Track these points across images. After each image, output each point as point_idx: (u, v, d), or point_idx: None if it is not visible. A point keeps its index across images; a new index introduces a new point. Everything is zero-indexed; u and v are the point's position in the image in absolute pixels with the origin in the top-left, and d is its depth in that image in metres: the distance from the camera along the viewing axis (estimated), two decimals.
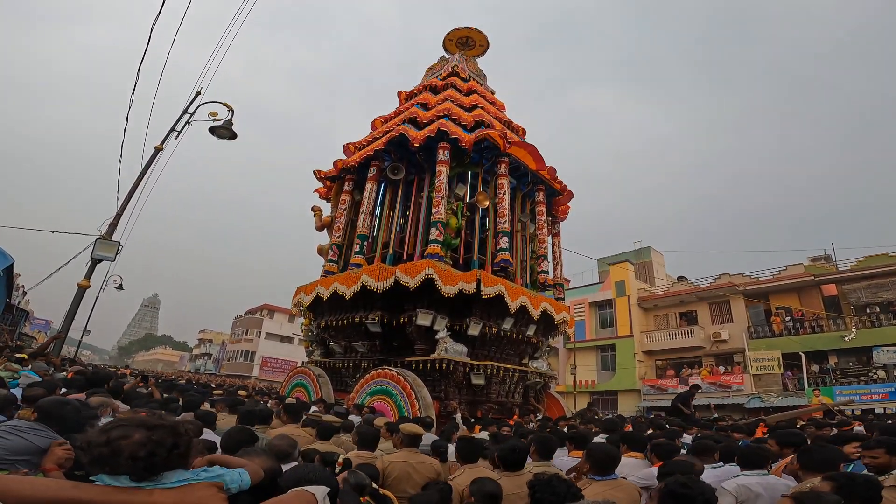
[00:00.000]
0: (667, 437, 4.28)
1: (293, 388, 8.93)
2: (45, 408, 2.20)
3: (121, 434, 1.01)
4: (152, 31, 8.30)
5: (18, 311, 27.09)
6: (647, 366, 23.53)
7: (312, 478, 1.57)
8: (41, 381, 3.84)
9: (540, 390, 9.34)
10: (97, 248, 8.25)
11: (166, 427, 1.07)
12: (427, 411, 6.20)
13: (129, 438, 1.00)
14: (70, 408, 2.23)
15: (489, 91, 11.87)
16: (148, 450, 1.00)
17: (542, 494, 1.90)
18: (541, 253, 9.92)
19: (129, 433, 1.01)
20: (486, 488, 2.32)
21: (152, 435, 1.03)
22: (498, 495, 2.34)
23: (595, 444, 3.13)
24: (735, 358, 20.98)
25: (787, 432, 3.83)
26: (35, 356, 6.95)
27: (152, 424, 1.06)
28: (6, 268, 18.13)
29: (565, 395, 20.24)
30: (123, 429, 1.02)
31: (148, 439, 1.01)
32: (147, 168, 9.71)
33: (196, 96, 10.43)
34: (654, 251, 28.41)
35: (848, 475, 1.99)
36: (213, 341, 57.84)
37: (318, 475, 1.61)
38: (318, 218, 11.42)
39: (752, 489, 2.51)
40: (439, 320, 7.56)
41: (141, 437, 1.01)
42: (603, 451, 2.73)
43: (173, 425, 1.11)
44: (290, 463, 2.43)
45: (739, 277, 22.22)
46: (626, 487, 2.60)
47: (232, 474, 1.20)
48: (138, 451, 1.00)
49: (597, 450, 2.77)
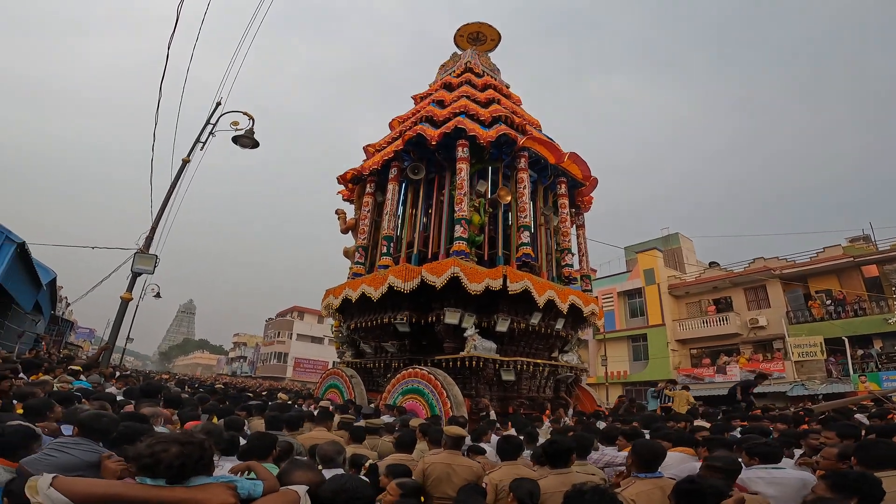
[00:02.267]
0: (716, 430, 4.23)
1: (327, 389, 9.12)
2: (85, 422, 2.30)
3: (161, 448, 1.29)
4: (170, 46, 8.53)
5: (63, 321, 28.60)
6: (681, 355, 22.96)
7: (349, 487, 1.64)
8: (99, 394, 4.09)
9: (571, 384, 9.26)
10: (136, 262, 8.61)
11: (195, 443, 1.35)
12: (459, 409, 6.25)
13: (168, 452, 1.28)
14: (107, 420, 2.35)
15: (504, 85, 11.77)
16: (181, 461, 1.29)
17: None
18: (565, 246, 9.80)
19: (167, 448, 1.29)
20: (525, 487, 2.33)
21: (184, 449, 1.30)
22: (536, 493, 2.34)
23: (640, 440, 3.09)
24: (775, 344, 20.23)
25: (845, 424, 3.68)
26: (88, 368, 7.34)
27: (185, 441, 1.34)
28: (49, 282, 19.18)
29: (597, 388, 20.01)
30: (164, 444, 1.30)
31: (181, 453, 1.29)
32: (177, 181, 10.02)
33: (217, 107, 10.69)
34: (682, 237, 27.62)
35: (841, 473, 1.99)
36: (247, 344, 59.50)
37: (356, 485, 1.68)
38: (343, 221, 11.60)
39: (747, 485, 2.46)
40: (467, 318, 7.58)
41: (176, 451, 1.29)
42: (646, 447, 2.68)
43: (200, 442, 1.38)
44: (335, 468, 2.50)
45: (775, 261, 21.39)
46: (670, 486, 2.56)
47: (245, 483, 1.45)
48: (174, 461, 1.28)
49: (641, 446, 2.72)
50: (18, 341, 17.05)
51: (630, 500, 2.11)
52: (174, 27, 7.71)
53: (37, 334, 21.75)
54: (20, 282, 14.86)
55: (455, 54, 12.55)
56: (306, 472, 1.73)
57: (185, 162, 10.11)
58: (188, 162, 10.14)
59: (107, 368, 8.21)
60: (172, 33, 8.42)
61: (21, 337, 17.90)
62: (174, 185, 9.94)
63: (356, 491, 1.63)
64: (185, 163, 10.09)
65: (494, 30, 12.40)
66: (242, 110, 10.06)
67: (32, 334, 20.76)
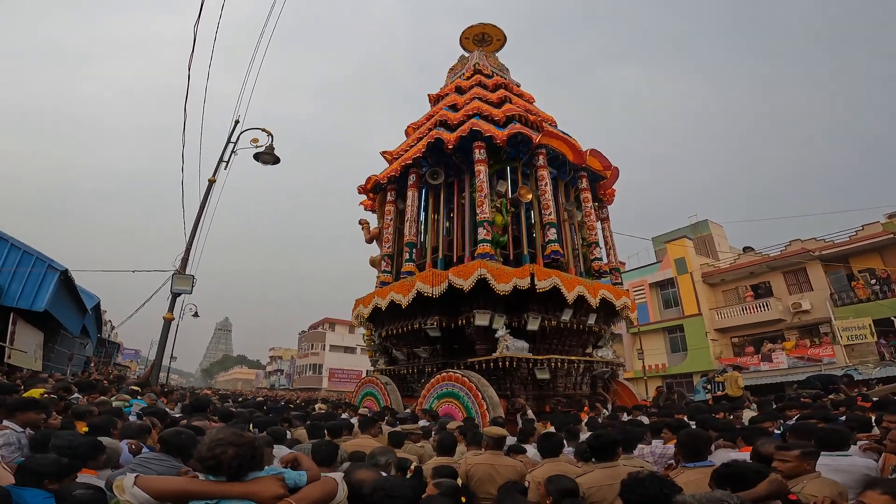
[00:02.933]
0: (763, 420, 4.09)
1: (363, 397, 9.25)
2: (165, 439, 2.48)
3: (221, 451, 1.49)
4: (190, 69, 8.81)
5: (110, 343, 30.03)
6: (721, 344, 22.18)
7: (387, 486, 1.73)
8: (156, 410, 4.38)
9: (608, 379, 9.10)
10: (175, 283, 8.94)
11: (247, 444, 1.55)
12: (495, 411, 6.23)
13: (226, 453, 1.48)
14: (186, 436, 2.50)
15: (514, 84, 11.74)
16: (238, 461, 1.49)
17: (631, 495, 1.80)
18: (591, 240, 9.66)
19: (225, 450, 1.49)
20: (562, 485, 2.31)
21: (239, 450, 1.50)
22: (575, 491, 2.33)
23: (685, 430, 3.05)
24: (821, 329, 19.32)
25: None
26: (142, 386, 7.73)
27: (240, 443, 1.52)
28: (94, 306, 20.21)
29: (635, 382, 19.53)
30: (223, 446, 1.50)
31: (237, 453, 1.49)
32: (205, 202, 10.33)
33: (235, 125, 10.97)
34: (712, 224, 26.76)
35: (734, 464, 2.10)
36: (282, 357, 60.88)
37: (393, 483, 1.78)
38: (367, 230, 11.76)
39: None
40: (497, 319, 7.56)
41: (233, 452, 1.49)
42: (691, 436, 2.64)
43: (251, 441, 1.58)
44: (386, 472, 2.57)
45: (812, 242, 20.44)
46: None
47: (291, 473, 1.64)
48: (231, 461, 1.48)
49: (685, 435, 2.69)
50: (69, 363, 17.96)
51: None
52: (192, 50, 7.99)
53: (86, 357, 22.91)
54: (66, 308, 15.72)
55: (462, 57, 12.60)
56: (368, 471, 1.93)
57: (212, 182, 10.41)
58: (214, 182, 10.46)
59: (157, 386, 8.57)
60: (191, 56, 8.71)
61: (71, 360, 18.87)
62: (203, 206, 10.26)
63: (393, 489, 1.71)
64: (211, 183, 10.40)
65: (499, 30, 12.39)
66: (261, 127, 10.30)
67: (82, 357, 21.88)
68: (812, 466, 2.41)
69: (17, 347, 12.37)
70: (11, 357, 11.90)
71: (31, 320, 13.61)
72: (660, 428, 3.93)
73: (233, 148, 10.78)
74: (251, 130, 10.53)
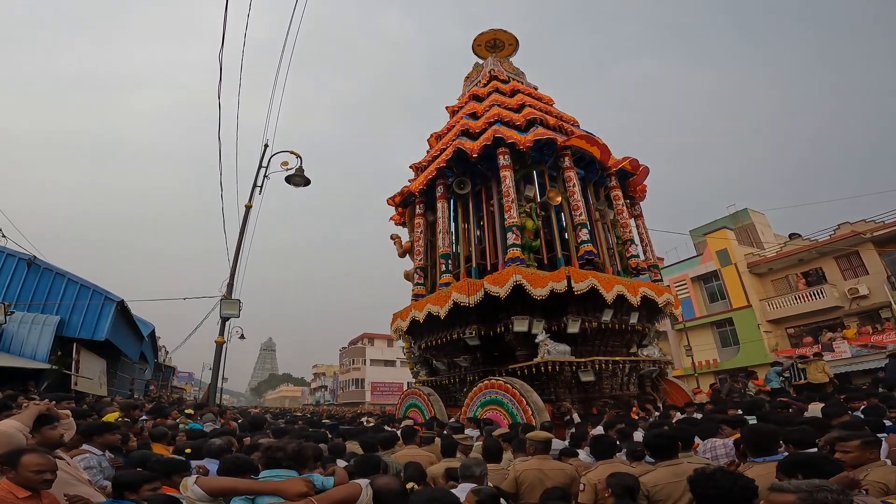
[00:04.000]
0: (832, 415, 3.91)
1: (407, 409, 9.34)
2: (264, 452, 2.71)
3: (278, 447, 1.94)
4: (220, 96, 9.25)
5: (166, 368, 31.61)
6: (776, 336, 21.07)
7: (437, 497, 1.84)
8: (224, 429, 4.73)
9: (657, 378, 8.84)
10: (223, 308, 9.38)
11: (297, 447, 1.96)
12: (540, 416, 6.18)
13: (284, 450, 1.91)
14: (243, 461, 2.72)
15: (532, 87, 11.72)
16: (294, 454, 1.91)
17: (703, 490, 1.74)
18: (626, 237, 9.48)
19: (286, 446, 1.94)
20: (624, 482, 2.32)
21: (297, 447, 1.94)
22: (635, 489, 2.33)
23: (751, 424, 2.98)
24: (882, 314, 18.08)
25: None
26: (201, 407, 8.19)
27: (296, 445, 1.96)
28: (149, 333, 21.38)
29: (685, 379, 18.77)
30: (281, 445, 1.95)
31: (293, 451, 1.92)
32: (244, 226, 10.79)
33: (265, 149, 11.41)
34: (752, 212, 25.63)
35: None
36: (325, 374, 62.11)
37: (443, 496, 1.87)
38: (399, 245, 11.94)
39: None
40: (536, 324, 7.52)
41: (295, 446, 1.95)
42: (757, 431, 2.57)
43: (298, 448, 1.98)
44: (474, 481, 2.67)
45: (862, 224, 19.20)
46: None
47: (318, 477, 1.88)
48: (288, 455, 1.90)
49: (751, 430, 2.62)
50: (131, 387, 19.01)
51: None
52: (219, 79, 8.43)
53: (146, 380, 24.21)
54: (124, 335, 16.72)
55: (477, 64, 12.70)
56: (389, 478, 2.08)
57: (248, 208, 10.87)
58: (250, 207, 10.91)
59: (214, 406, 8.98)
60: (220, 84, 9.12)
61: (133, 384, 19.99)
62: (242, 232, 10.72)
63: (442, 500, 1.82)
64: (248, 209, 10.85)
65: (511, 35, 12.43)
66: (290, 150, 10.69)
67: (142, 381, 23.15)
68: (876, 455, 2.36)
69: (83, 375, 13.24)
70: (78, 384, 12.74)
71: (93, 349, 14.56)
72: (716, 425, 3.81)
73: (265, 172, 11.24)
74: (281, 154, 10.99)
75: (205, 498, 1.65)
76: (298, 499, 1.67)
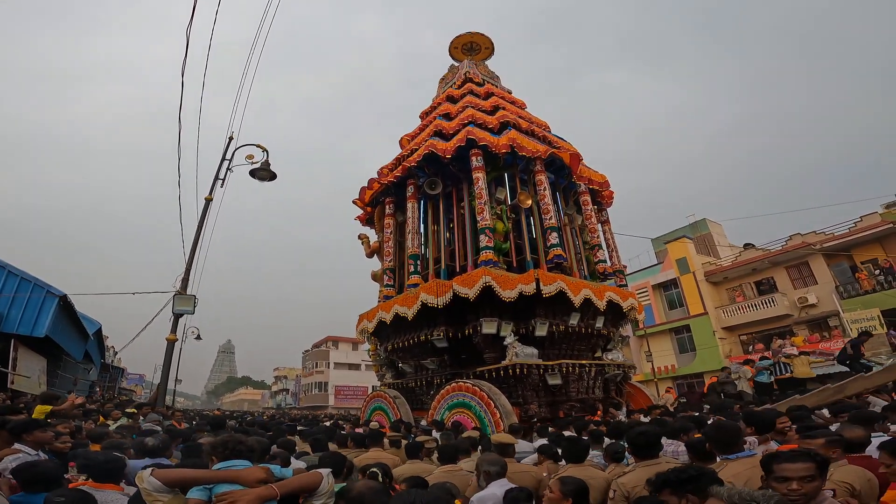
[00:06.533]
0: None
1: (372, 412, 9.10)
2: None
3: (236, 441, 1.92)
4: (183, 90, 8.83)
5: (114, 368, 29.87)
6: (730, 342, 21.98)
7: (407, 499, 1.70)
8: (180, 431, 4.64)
9: (620, 382, 8.97)
10: (176, 304, 8.84)
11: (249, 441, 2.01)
12: (508, 419, 6.12)
13: (245, 443, 1.91)
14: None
15: (506, 91, 11.79)
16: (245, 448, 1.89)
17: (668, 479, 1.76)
18: (594, 242, 9.61)
19: (243, 440, 1.93)
20: (575, 483, 2.31)
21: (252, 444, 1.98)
22: (586, 490, 2.32)
23: (712, 423, 2.97)
24: (830, 322, 19.16)
25: None
26: (141, 407, 7.70)
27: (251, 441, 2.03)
28: (95, 332, 20.12)
29: (645, 384, 19.30)
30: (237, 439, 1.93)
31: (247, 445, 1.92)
32: (203, 220, 10.23)
33: (230, 141, 10.89)
34: (710, 222, 26.72)
35: None
36: (287, 377, 60.49)
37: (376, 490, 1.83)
38: (367, 245, 11.68)
39: None
40: (504, 326, 7.47)
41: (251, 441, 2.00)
42: (719, 428, 2.56)
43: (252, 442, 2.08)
44: (501, 479, 2.70)
45: (813, 236, 20.36)
46: None
47: (277, 468, 1.89)
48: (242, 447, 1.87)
49: (713, 428, 2.61)
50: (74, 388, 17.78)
51: (727, 481, 1.98)
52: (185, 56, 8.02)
53: (90, 381, 22.76)
54: (67, 333, 15.64)
55: (453, 66, 12.68)
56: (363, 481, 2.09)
57: (208, 201, 10.33)
58: (211, 200, 10.37)
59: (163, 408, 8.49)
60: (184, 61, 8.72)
61: (76, 384, 18.72)
62: (201, 225, 10.17)
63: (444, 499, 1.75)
64: (207, 202, 10.31)
65: (487, 38, 12.50)
66: (255, 143, 10.21)
67: (87, 382, 21.72)
68: (838, 454, 2.38)
69: (19, 373, 12.30)
70: (15, 382, 11.85)
71: (32, 346, 13.55)
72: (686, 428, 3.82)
73: (228, 165, 10.70)
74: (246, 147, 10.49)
75: (161, 489, 1.61)
76: (258, 485, 1.67)
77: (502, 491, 2.60)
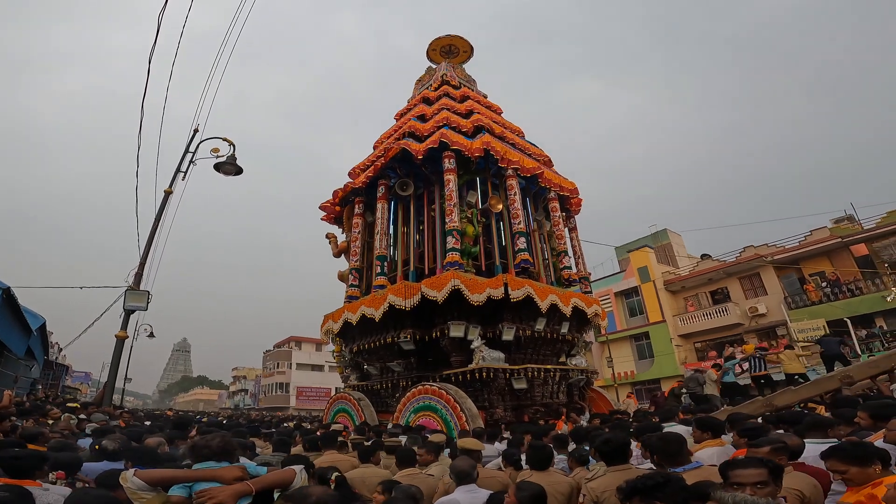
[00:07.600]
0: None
1: (335, 414, 8.91)
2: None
3: (204, 444, 1.96)
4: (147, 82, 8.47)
5: (58, 366, 28.10)
6: (686, 350, 22.88)
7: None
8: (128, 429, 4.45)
9: (583, 387, 9.14)
10: (128, 299, 8.41)
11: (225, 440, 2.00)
12: (475, 422, 6.11)
13: (214, 443, 1.95)
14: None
15: (482, 95, 11.88)
16: (220, 449, 1.92)
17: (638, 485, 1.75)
18: (561, 249, 9.78)
19: (212, 441, 1.95)
20: (532, 489, 2.28)
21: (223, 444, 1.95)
22: (543, 496, 2.28)
23: (655, 434, 2.88)
24: (778, 331, 20.26)
25: (880, 404, 3.44)
26: (86, 406, 7.26)
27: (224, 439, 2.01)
28: (38, 327, 18.85)
29: (606, 389, 19.82)
30: (208, 439, 1.99)
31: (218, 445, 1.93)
32: (161, 213, 9.78)
33: (195, 134, 10.46)
34: (671, 233, 27.80)
35: None
36: (247, 377, 58.58)
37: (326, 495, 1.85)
38: (334, 244, 11.46)
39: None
40: (472, 329, 7.48)
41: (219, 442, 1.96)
42: (663, 440, 2.51)
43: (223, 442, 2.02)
44: (470, 483, 2.69)
45: (765, 248, 21.54)
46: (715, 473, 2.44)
47: (252, 465, 1.99)
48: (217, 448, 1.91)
49: (657, 440, 2.55)
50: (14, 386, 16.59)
51: None
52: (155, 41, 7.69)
53: (32, 379, 21.28)
54: (9, 327, 14.54)
55: (430, 68, 12.67)
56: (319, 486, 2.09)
57: (168, 193, 9.90)
58: (171, 193, 9.94)
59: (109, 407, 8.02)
60: (149, 69, 8.41)
61: (17, 382, 17.47)
62: (159, 218, 9.70)
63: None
64: (167, 194, 9.88)
65: (466, 42, 12.56)
66: (222, 137, 9.87)
67: (28, 379, 20.28)
68: (784, 461, 2.39)
69: None
70: None
71: None
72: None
73: (191, 158, 10.28)
74: (212, 140, 10.09)
75: (144, 487, 1.69)
76: (235, 482, 1.75)
77: (466, 497, 2.57)
